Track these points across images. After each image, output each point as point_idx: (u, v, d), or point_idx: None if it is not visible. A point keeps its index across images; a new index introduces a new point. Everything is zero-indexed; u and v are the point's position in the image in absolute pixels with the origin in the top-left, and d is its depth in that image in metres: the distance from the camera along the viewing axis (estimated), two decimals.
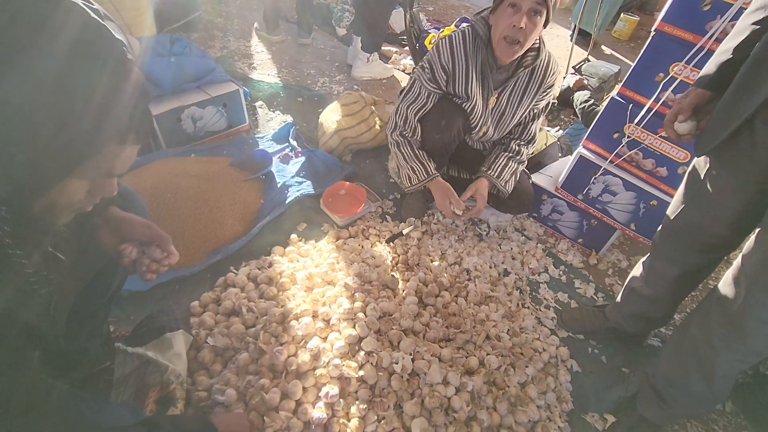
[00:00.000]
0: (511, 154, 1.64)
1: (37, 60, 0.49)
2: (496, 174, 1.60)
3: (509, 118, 1.59)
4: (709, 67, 0.98)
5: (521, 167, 1.67)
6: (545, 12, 1.33)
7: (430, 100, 1.54)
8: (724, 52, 0.95)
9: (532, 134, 1.68)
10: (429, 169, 1.56)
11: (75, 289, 0.77)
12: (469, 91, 1.50)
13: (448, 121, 1.52)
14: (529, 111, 1.63)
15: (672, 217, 1.16)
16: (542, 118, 1.70)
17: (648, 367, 1.26)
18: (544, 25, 1.38)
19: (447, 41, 1.47)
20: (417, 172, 1.57)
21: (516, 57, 1.42)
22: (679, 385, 1.13)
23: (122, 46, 0.56)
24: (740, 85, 0.88)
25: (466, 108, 1.55)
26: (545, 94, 1.58)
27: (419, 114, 1.56)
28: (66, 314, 0.72)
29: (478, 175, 1.65)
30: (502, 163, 1.62)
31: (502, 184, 1.61)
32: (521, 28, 1.31)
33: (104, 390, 1.02)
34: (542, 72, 1.52)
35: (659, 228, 1.23)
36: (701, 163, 1.05)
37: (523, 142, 1.67)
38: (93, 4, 0.55)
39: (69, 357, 0.94)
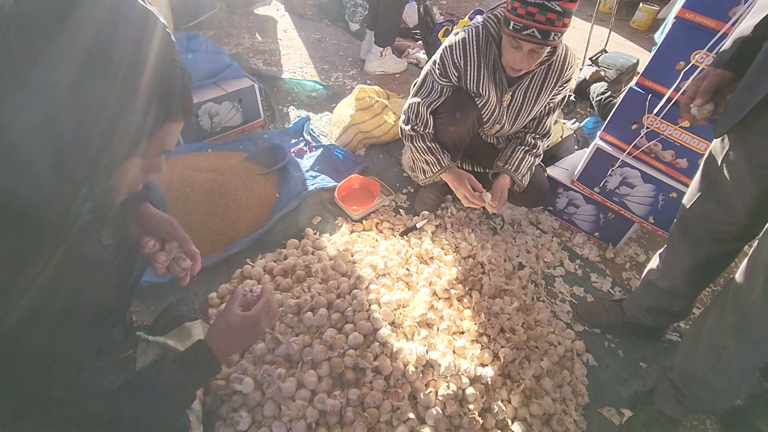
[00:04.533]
0: (527, 148, 1.62)
1: (71, 45, 0.50)
2: (514, 168, 1.59)
3: (526, 113, 1.58)
4: (728, 46, 0.94)
5: (537, 160, 1.66)
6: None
7: (443, 95, 1.53)
8: (743, 30, 0.91)
9: (547, 128, 1.67)
10: (443, 161, 1.56)
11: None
12: (481, 89, 1.49)
13: (463, 113, 1.51)
14: (545, 105, 1.61)
15: (688, 207, 1.13)
16: (557, 111, 1.67)
17: (666, 361, 1.24)
18: None
19: (459, 39, 1.46)
20: (431, 165, 1.57)
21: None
22: (697, 380, 1.11)
23: (165, 27, 0.59)
24: (761, 64, 0.84)
25: (478, 103, 1.54)
26: (562, 88, 1.56)
27: (431, 107, 1.55)
28: (121, 290, 0.75)
29: (495, 170, 1.64)
30: (519, 157, 1.60)
31: (519, 178, 1.60)
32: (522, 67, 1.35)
33: None
34: (559, 66, 1.49)
35: (676, 218, 1.21)
36: (717, 150, 1.02)
37: (538, 136, 1.65)
38: None
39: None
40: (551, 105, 1.62)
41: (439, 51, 1.50)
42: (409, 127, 1.57)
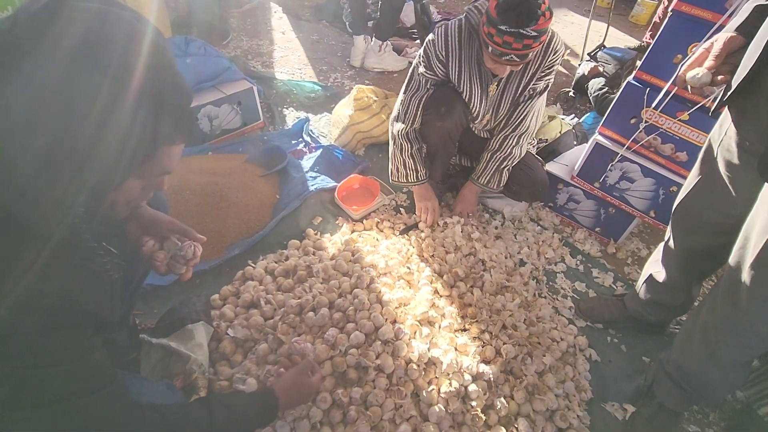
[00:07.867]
0: (503, 155, 1.62)
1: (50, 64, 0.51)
2: (485, 182, 1.68)
3: (507, 100, 1.55)
4: (742, 13, 0.88)
5: (514, 162, 1.65)
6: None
7: (430, 86, 1.55)
8: None
9: (526, 127, 1.59)
10: (420, 173, 1.66)
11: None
12: (464, 81, 1.49)
13: (448, 107, 1.51)
14: (528, 91, 1.53)
15: (684, 198, 1.13)
16: (540, 105, 1.60)
17: (662, 354, 1.23)
18: None
19: (442, 30, 1.45)
20: (409, 172, 1.67)
21: None
22: (692, 373, 1.11)
23: (163, 50, 0.59)
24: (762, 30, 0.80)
25: (464, 97, 1.53)
26: (544, 74, 1.50)
27: (421, 102, 1.55)
28: (120, 302, 0.78)
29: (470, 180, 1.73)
30: (492, 170, 1.66)
31: (493, 187, 1.69)
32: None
33: None
34: (542, 52, 1.44)
35: (672, 211, 1.20)
36: (715, 139, 1.01)
37: (515, 137, 1.59)
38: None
39: None
40: (531, 93, 1.55)
41: (424, 45, 1.50)
42: (397, 129, 1.61)
